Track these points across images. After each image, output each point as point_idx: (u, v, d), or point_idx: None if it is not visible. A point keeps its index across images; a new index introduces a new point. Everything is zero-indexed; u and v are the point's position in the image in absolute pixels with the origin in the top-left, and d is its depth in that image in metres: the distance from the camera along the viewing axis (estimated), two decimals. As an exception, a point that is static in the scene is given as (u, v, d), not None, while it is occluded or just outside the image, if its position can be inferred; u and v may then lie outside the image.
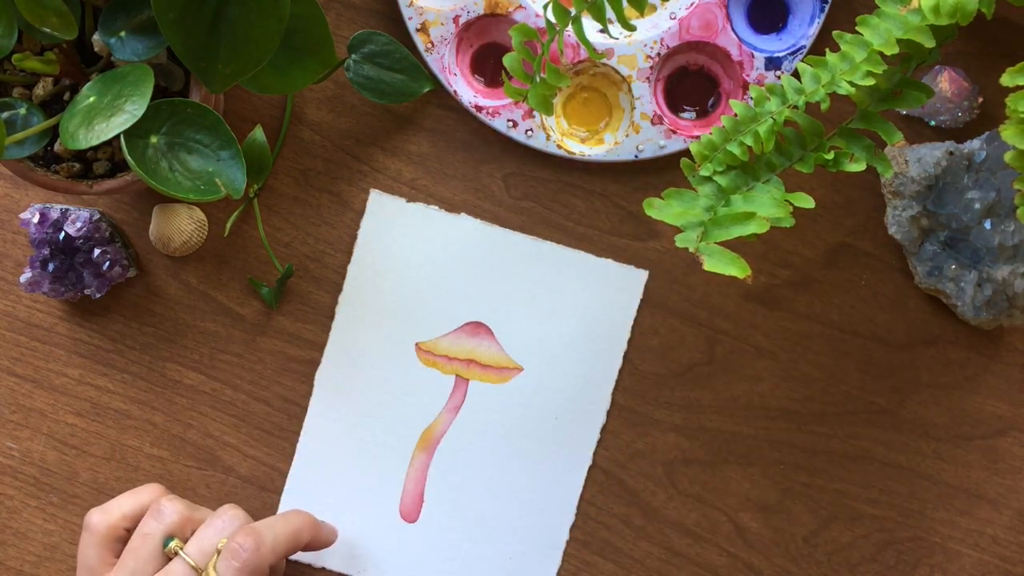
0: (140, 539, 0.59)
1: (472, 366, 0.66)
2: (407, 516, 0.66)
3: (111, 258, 0.64)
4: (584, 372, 0.66)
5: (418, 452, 0.66)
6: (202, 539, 0.59)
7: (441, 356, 0.66)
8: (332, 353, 0.66)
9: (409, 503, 0.66)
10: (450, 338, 0.66)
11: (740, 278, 0.50)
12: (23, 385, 0.67)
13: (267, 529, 0.60)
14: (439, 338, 0.66)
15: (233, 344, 0.67)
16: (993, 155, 0.62)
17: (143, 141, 0.54)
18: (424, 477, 0.66)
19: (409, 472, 0.66)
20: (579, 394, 0.66)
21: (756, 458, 0.66)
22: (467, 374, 0.66)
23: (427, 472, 0.66)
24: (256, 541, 0.58)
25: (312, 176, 0.66)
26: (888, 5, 0.53)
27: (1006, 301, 0.63)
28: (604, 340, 0.66)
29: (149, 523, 0.60)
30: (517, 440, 0.66)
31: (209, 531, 0.59)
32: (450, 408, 0.66)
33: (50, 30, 0.53)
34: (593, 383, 0.66)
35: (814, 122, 0.55)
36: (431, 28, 0.64)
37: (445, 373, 0.66)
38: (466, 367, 0.66)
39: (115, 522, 0.60)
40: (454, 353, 0.66)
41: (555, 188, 0.66)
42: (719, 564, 0.67)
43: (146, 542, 0.59)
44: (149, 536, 0.59)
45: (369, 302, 0.66)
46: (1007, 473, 0.66)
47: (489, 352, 0.66)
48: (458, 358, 0.66)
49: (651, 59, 0.63)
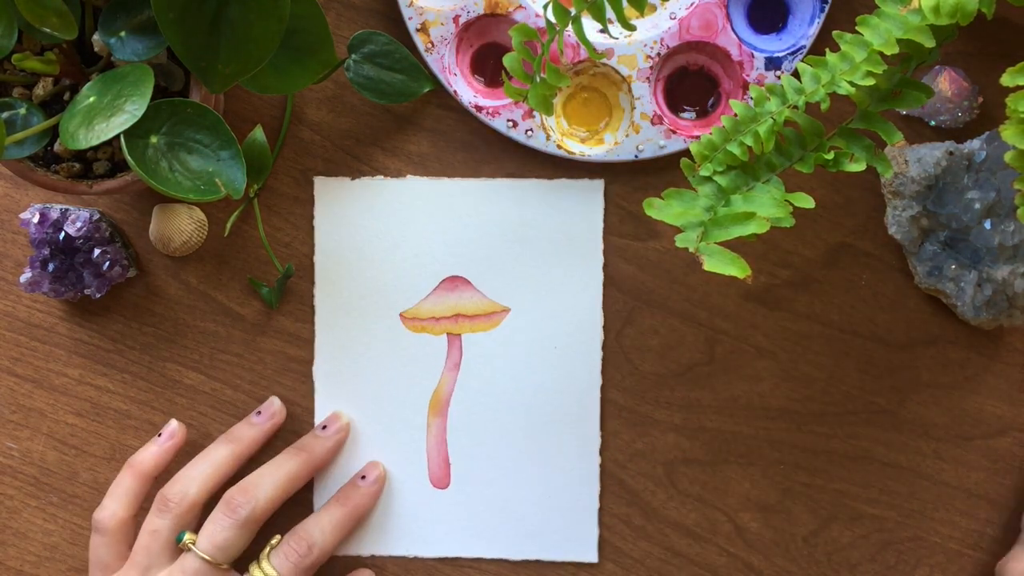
0: (149, 536, 0.61)
1: (460, 320, 0.66)
2: (438, 483, 0.66)
3: (111, 258, 0.64)
4: (570, 293, 0.66)
5: (432, 418, 0.66)
6: (212, 533, 0.61)
7: (427, 319, 0.66)
8: (322, 346, 0.66)
9: (437, 470, 0.66)
10: (431, 299, 0.66)
11: (740, 278, 0.50)
12: (23, 385, 0.67)
13: (317, 530, 0.63)
14: (420, 303, 0.66)
15: (233, 344, 0.67)
16: (993, 155, 0.62)
17: (143, 141, 0.54)
18: (444, 441, 0.66)
19: (429, 440, 0.66)
20: (570, 316, 0.66)
21: (756, 458, 0.66)
22: (457, 329, 0.66)
23: (446, 436, 0.66)
24: (308, 545, 0.62)
25: (312, 176, 0.66)
26: (888, 5, 0.53)
27: (1006, 301, 0.63)
28: (580, 256, 0.66)
29: (154, 520, 0.61)
30: (524, 379, 0.66)
31: (216, 527, 0.61)
32: (450, 367, 0.66)
33: (50, 30, 0.53)
34: (582, 302, 0.66)
35: (814, 122, 0.55)
36: (431, 28, 0.64)
37: (436, 335, 0.66)
38: (454, 323, 0.66)
39: (121, 515, 0.62)
40: (439, 312, 0.66)
41: (555, 188, 0.66)
42: (719, 564, 0.67)
43: (155, 538, 0.61)
44: (157, 533, 0.61)
45: (344, 286, 0.66)
46: (1007, 473, 0.66)
47: (472, 302, 0.66)
48: (444, 316, 0.66)
49: (651, 59, 0.63)
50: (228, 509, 0.61)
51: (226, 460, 0.63)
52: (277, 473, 0.63)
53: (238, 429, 0.65)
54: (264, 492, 0.62)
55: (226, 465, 0.63)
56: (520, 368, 0.66)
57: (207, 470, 0.62)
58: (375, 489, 0.65)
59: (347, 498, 0.65)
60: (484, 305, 0.66)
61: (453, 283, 0.66)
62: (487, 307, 0.66)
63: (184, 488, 0.62)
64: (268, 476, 0.62)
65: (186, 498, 0.61)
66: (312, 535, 0.62)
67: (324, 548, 0.62)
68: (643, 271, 0.66)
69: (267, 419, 0.65)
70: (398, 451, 0.66)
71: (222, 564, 0.61)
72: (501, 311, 0.66)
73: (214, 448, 0.64)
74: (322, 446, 0.65)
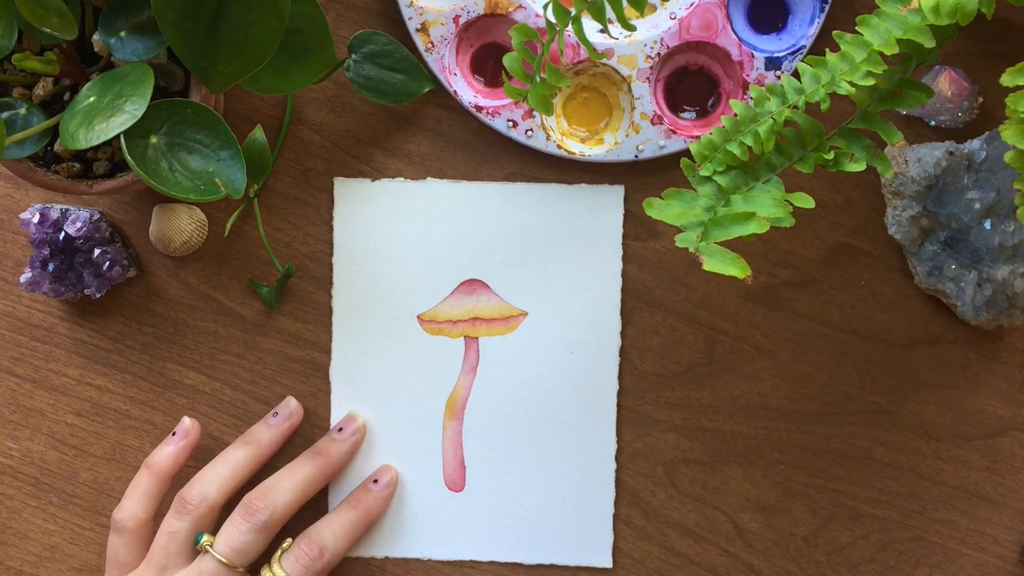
0: (167, 537, 0.61)
1: (477, 323, 0.66)
2: (453, 486, 0.66)
3: (111, 258, 0.64)
4: (587, 299, 0.66)
5: (448, 421, 0.66)
6: (230, 537, 0.61)
7: (445, 322, 0.66)
8: (339, 347, 0.66)
9: (452, 473, 0.66)
10: (449, 302, 0.66)
11: (740, 278, 0.50)
12: (23, 385, 0.67)
13: (328, 533, 0.63)
14: (438, 305, 0.66)
15: (233, 344, 0.67)
16: (993, 155, 0.62)
17: (143, 141, 0.54)
18: (460, 444, 0.66)
19: (444, 443, 0.66)
20: (588, 322, 0.66)
21: (756, 458, 0.66)
22: (474, 332, 0.66)
23: (462, 439, 0.66)
24: (320, 548, 0.62)
25: (312, 176, 0.66)
26: (888, 5, 0.53)
27: (1006, 301, 0.63)
28: (598, 263, 0.65)
29: (172, 522, 0.62)
30: (540, 383, 0.66)
31: (235, 530, 0.61)
32: (467, 370, 0.66)
33: (50, 30, 0.53)
34: (599, 308, 0.65)
35: (814, 122, 0.55)
36: (431, 28, 0.64)
37: (453, 338, 0.66)
38: (471, 326, 0.66)
39: (141, 516, 0.62)
40: (456, 315, 0.66)
41: (555, 188, 0.66)
42: (719, 564, 0.67)
43: (173, 539, 0.61)
44: (175, 534, 0.61)
45: (362, 288, 0.66)
46: (1007, 473, 0.66)
47: (490, 305, 0.66)
48: (461, 319, 0.66)
49: (651, 59, 0.63)
50: (247, 513, 0.61)
51: (245, 462, 0.63)
52: (295, 478, 0.63)
53: (256, 431, 0.65)
54: (282, 497, 0.62)
55: (245, 467, 0.63)
56: (537, 372, 0.66)
57: (226, 472, 0.62)
58: (387, 493, 0.65)
59: (359, 501, 0.65)
60: (502, 309, 0.66)
61: (471, 286, 0.66)
62: (505, 311, 0.66)
63: (203, 490, 0.62)
64: (286, 481, 0.62)
65: (205, 500, 0.61)
66: (324, 538, 0.62)
67: (336, 551, 0.62)
68: (643, 271, 0.66)
69: (284, 420, 0.65)
70: (413, 453, 0.66)
71: (239, 567, 0.61)
72: (519, 315, 0.66)
73: (232, 450, 0.64)
74: (338, 449, 0.65)
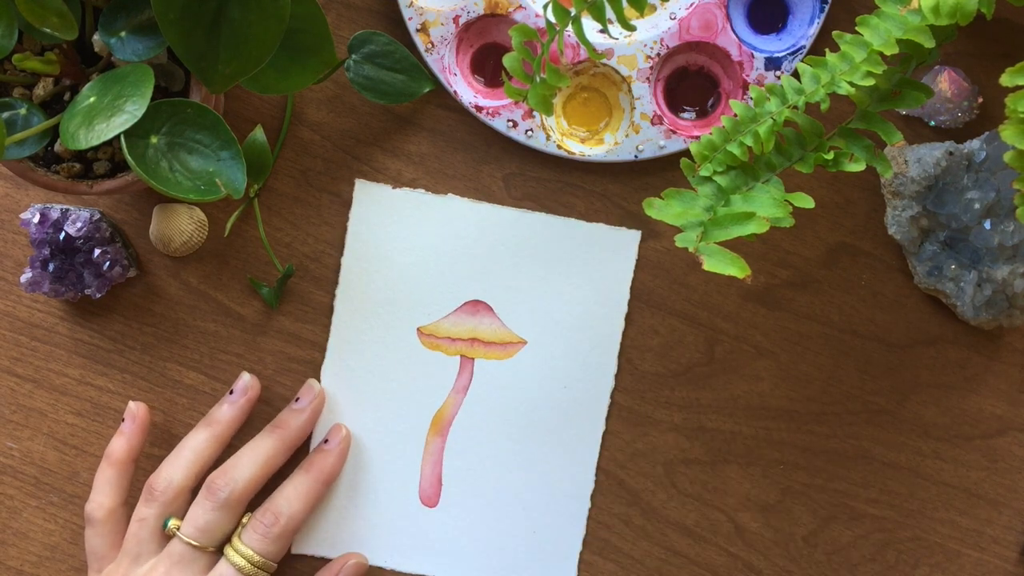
0: (137, 525, 0.63)
1: (475, 344, 0.66)
2: (427, 501, 0.66)
3: (111, 258, 0.64)
4: (588, 338, 0.66)
5: (431, 437, 0.66)
6: (195, 517, 0.62)
7: (443, 338, 0.66)
8: (335, 347, 0.66)
9: (428, 488, 0.66)
10: (451, 319, 0.66)
11: (740, 278, 0.50)
12: (23, 385, 0.67)
13: (282, 499, 0.63)
14: (439, 320, 0.66)
15: (233, 344, 0.67)
16: (993, 155, 0.62)
17: (143, 141, 0.54)
18: (440, 461, 0.66)
19: (425, 457, 0.66)
20: (585, 360, 0.66)
21: (756, 458, 0.66)
22: (471, 353, 0.66)
23: (443, 456, 0.66)
24: (275, 515, 0.62)
25: (312, 176, 0.66)
26: (888, 5, 0.53)
27: (1006, 301, 0.63)
28: (605, 304, 0.66)
29: (141, 510, 0.63)
30: (529, 413, 0.66)
31: (199, 510, 0.62)
32: (458, 389, 0.66)
33: (50, 30, 0.53)
34: (598, 348, 0.66)
35: (814, 122, 0.55)
36: (431, 28, 0.64)
37: (449, 355, 0.66)
38: (470, 346, 0.66)
39: (108, 504, 0.63)
40: (456, 334, 0.66)
41: (555, 188, 0.66)
42: (719, 564, 0.67)
43: (143, 527, 0.63)
44: (145, 521, 0.63)
45: (366, 292, 0.66)
46: (1007, 473, 0.66)
47: (491, 329, 0.66)
48: (461, 338, 0.66)
49: (651, 59, 0.63)
50: (209, 493, 0.62)
51: (208, 443, 0.64)
52: (255, 453, 0.63)
53: (215, 412, 0.65)
54: (242, 473, 0.62)
55: (208, 449, 0.64)
56: (526, 402, 0.66)
57: (190, 456, 0.63)
58: (339, 450, 0.66)
59: (311, 464, 0.65)
60: (502, 334, 0.66)
61: (475, 307, 0.66)
62: (505, 336, 0.66)
63: (169, 475, 0.63)
64: (246, 457, 0.63)
65: (171, 485, 0.63)
66: (279, 505, 0.63)
67: (292, 515, 0.63)
68: (643, 271, 0.66)
69: (241, 395, 0.65)
70: (392, 463, 0.66)
71: (208, 547, 0.62)
72: (518, 343, 0.66)
73: (194, 434, 0.64)
74: (297, 420, 0.65)
